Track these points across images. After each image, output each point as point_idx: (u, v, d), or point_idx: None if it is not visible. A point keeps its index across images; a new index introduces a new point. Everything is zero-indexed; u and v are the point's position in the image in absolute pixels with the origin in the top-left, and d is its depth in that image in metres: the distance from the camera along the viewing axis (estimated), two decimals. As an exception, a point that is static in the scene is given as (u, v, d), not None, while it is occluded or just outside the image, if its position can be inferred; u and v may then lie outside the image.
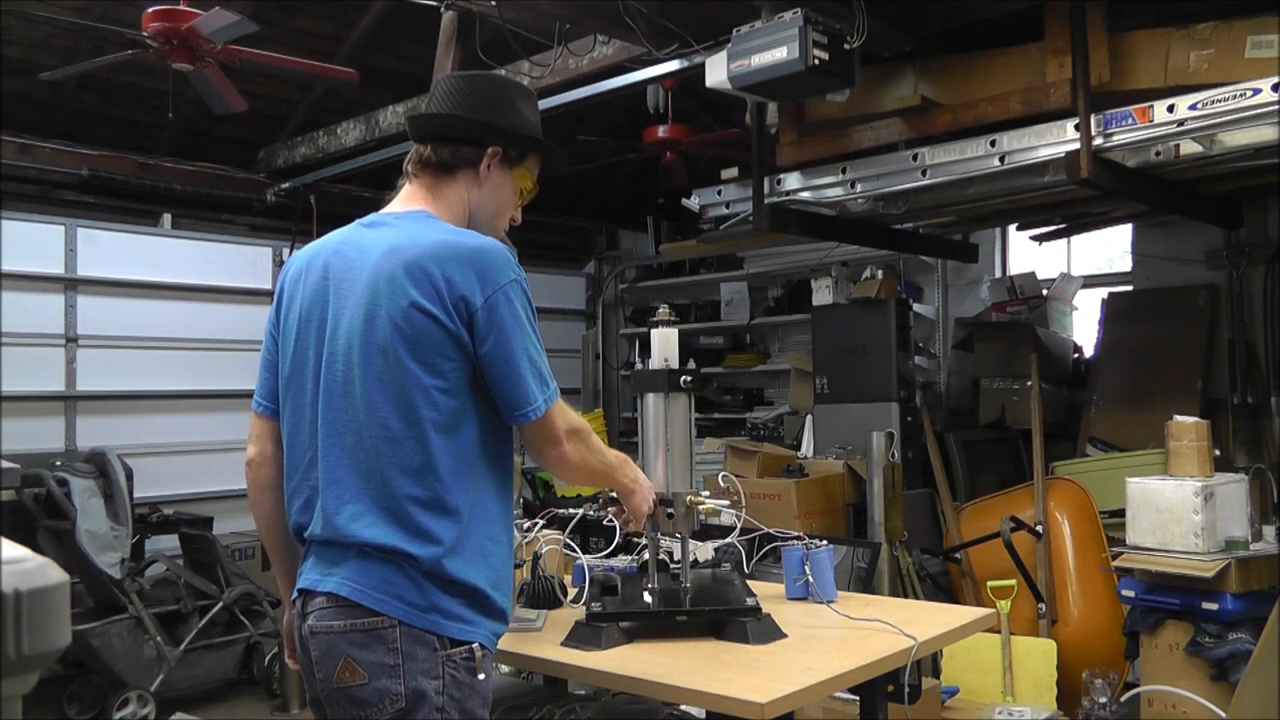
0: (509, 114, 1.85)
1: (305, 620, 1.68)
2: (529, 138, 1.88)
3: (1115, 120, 3.44)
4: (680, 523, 2.17)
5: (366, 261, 1.69)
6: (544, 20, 3.97)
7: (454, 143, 1.82)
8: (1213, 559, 3.24)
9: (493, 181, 1.84)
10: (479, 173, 1.83)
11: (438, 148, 1.82)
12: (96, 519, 4.28)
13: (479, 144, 1.82)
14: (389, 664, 1.59)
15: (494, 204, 1.86)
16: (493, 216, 1.87)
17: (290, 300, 1.80)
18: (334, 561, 1.66)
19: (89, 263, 5.61)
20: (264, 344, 1.85)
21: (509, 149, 1.84)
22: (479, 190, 1.84)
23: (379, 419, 1.63)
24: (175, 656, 4.46)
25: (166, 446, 5.82)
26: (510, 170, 1.86)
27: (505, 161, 1.85)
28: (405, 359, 1.62)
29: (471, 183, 1.83)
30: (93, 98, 5.61)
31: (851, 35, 3.25)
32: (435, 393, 1.63)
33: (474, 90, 1.86)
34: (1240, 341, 4.94)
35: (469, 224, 1.83)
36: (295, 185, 6.20)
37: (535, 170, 1.92)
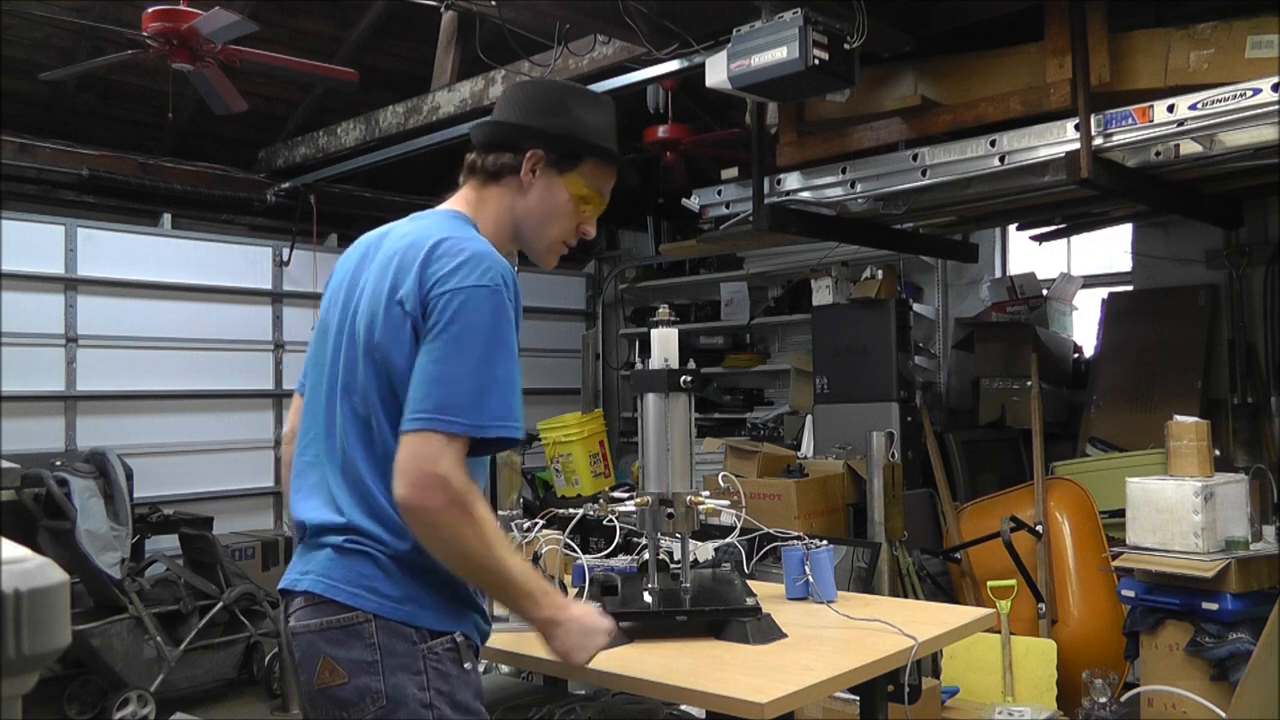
0: (556, 116, 1.76)
1: (288, 622, 1.64)
2: (574, 139, 1.76)
3: (1115, 120, 3.44)
4: (680, 523, 2.17)
5: (385, 252, 1.66)
6: (544, 20, 3.97)
7: (496, 149, 1.76)
8: (1213, 559, 3.24)
9: (538, 189, 1.75)
10: (521, 179, 1.75)
11: (483, 154, 1.77)
12: (96, 519, 4.28)
13: (520, 149, 1.74)
14: (367, 660, 1.53)
15: (540, 213, 1.76)
16: (540, 225, 1.77)
17: (330, 283, 1.79)
18: (309, 559, 1.62)
19: (89, 263, 5.62)
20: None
21: (551, 152, 1.75)
22: (524, 198, 1.76)
23: (358, 407, 1.60)
24: (175, 656, 4.46)
25: (166, 446, 5.82)
26: (560, 176, 1.76)
27: (552, 166, 1.75)
28: (387, 350, 1.57)
29: (516, 191, 1.75)
30: (93, 98, 5.61)
31: (851, 35, 3.26)
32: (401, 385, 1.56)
33: (523, 95, 1.81)
34: (1240, 341, 4.94)
35: (515, 234, 1.77)
36: (295, 185, 6.20)
37: (598, 178, 1.80)
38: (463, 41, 5.00)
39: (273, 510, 6.37)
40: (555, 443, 5.83)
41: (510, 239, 1.78)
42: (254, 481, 6.27)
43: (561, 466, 5.82)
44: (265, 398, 6.35)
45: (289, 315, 6.45)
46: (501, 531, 1.56)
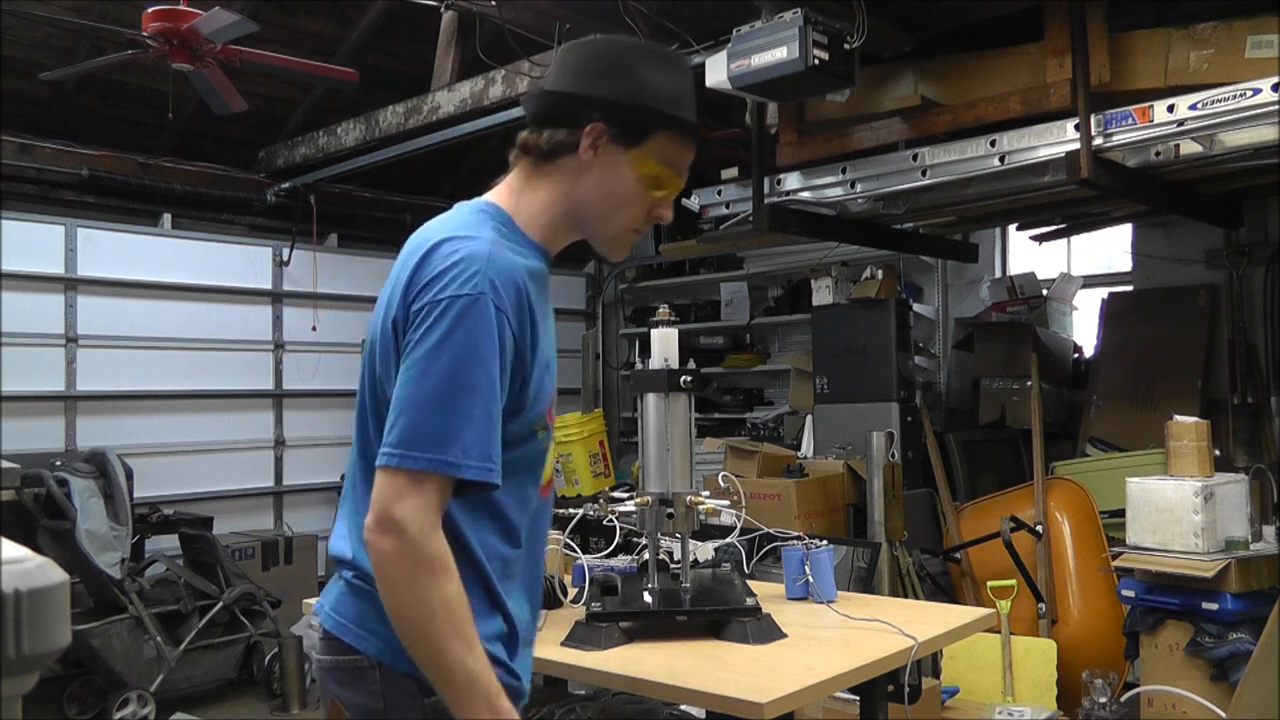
0: (619, 81, 1.46)
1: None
2: (642, 109, 1.46)
3: (1115, 120, 3.44)
4: (680, 523, 2.17)
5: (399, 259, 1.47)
6: (544, 20, 3.97)
7: (549, 124, 1.47)
8: (1213, 559, 3.24)
9: (601, 168, 1.46)
10: (580, 158, 1.46)
11: (534, 131, 1.49)
12: (96, 519, 4.29)
13: (577, 122, 1.45)
14: (372, 708, 1.38)
15: (607, 197, 1.48)
16: (605, 212, 1.49)
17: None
18: (329, 590, 1.49)
19: (89, 263, 5.62)
20: None
21: (614, 125, 1.45)
22: (585, 180, 1.47)
23: (364, 437, 1.44)
24: (175, 656, 4.46)
25: (166, 446, 5.82)
26: (626, 153, 1.46)
27: (617, 141, 1.46)
28: (384, 377, 1.39)
29: (575, 173, 1.47)
30: (93, 98, 5.61)
31: (851, 35, 3.26)
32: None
33: (579, 57, 1.51)
34: (1240, 341, 4.94)
35: (574, 223, 1.51)
36: (295, 185, 6.20)
37: (673, 153, 1.50)
38: (463, 41, 5.00)
39: (273, 510, 6.37)
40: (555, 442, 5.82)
41: (568, 229, 1.52)
42: (254, 481, 6.27)
43: (561, 466, 5.82)
44: (265, 398, 6.35)
45: (289, 315, 6.45)
46: (462, 609, 1.29)
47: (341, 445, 6.58)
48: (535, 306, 1.38)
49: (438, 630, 1.28)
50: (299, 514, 6.42)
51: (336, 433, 6.60)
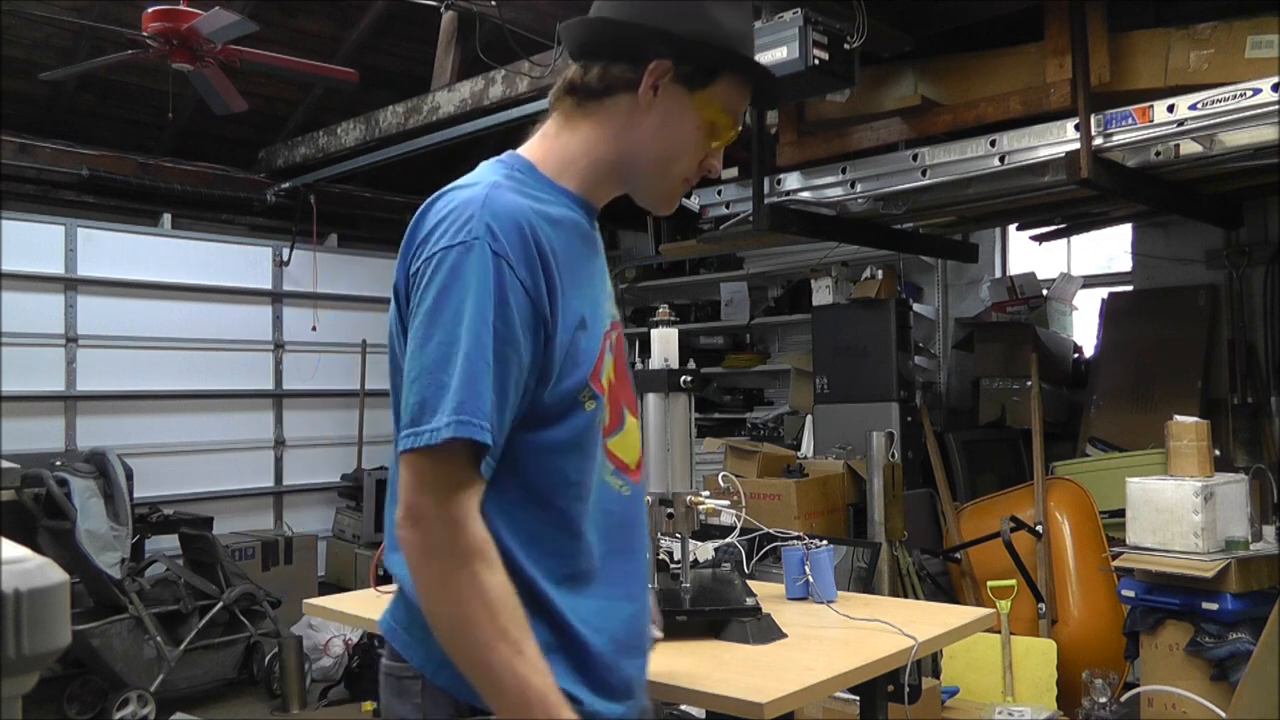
0: (690, 18, 1.29)
1: None
2: (715, 48, 1.31)
3: (1115, 120, 3.44)
4: (680, 523, 2.17)
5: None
6: (544, 20, 3.97)
7: (604, 58, 1.31)
8: (1213, 559, 3.24)
9: (661, 110, 1.30)
10: (638, 98, 1.30)
11: (587, 67, 1.31)
12: (96, 519, 4.29)
13: (639, 58, 1.29)
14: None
15: (664, 143, 1.32)
16: (663, 161, 1.34)
17: None
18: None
19: (89, 263, 5.62)
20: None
21: (684, 64, 1.30)
22: (641, 123, 1.31)
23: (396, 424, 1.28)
24: (175, 656, 4.46)
25: (166, 446, 5.82)
26: (690, 95, 1.31)
27: (681, 82, 1.30)
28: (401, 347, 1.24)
29: (629, 114, 1.31)
30: (93, 98, 5.61)
31: (851, 35, 3.26)
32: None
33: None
34: (1240, 341, 4.94)
35: (621, 173, 1.35)
36: (295, 185, 6.20)
37: (733, 98, 1.35)
38: (463, 41, 5.00)
39: (273, 510, 6.37)
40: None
41: (614, 177, 1.35)
42: (254, 481, 6.27)
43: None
44: (265, 398, 6.35)
45: (289, 315, 6.45)
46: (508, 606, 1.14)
47: (341, 445, 6.59)
48: (555, 253, 1.20)
49: (479, 632, 1.13)
50: (299, 514, 6.41)
51: (336, 433, 6.60)
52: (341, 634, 4.94)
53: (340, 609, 2.60)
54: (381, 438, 6.74)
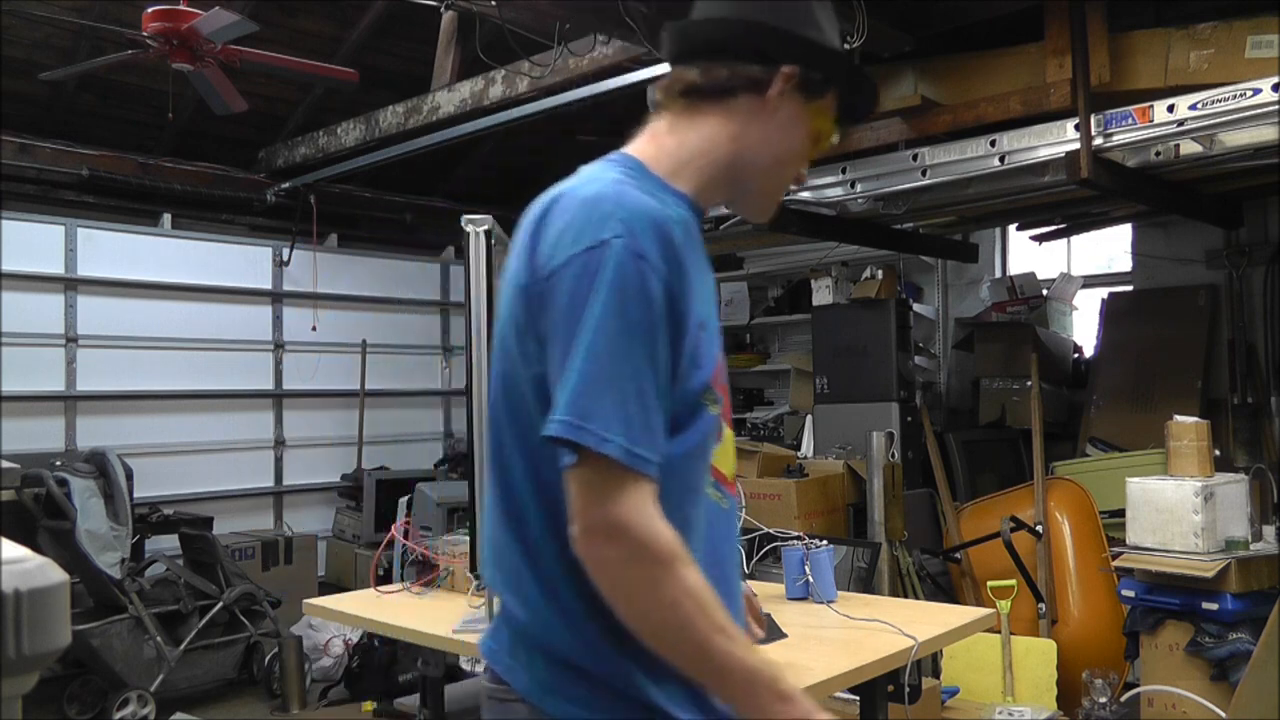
0: (810, 25, 1.30)
1: None
2: (838, 59, 1.33)
3: (1115, 120, 3.44)
4: (680, 523, 2.17)
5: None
6: (544, 20, 3.97)
7: (733, 58, 1.27)
8: (1213, 559, 3.24)
9: (783, 116, 1.29)
10: (765, 100, 1.27)
11: (710, 66, 1.27)
12: (96, 519, 4.28)
13: (770, 60, 1.27)
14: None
15: (780, 147, 1.31)
16: (777, 165, 1.32)
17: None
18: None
19: (89, 263, 5.61)
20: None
21: (810, 71, 1.28)
22: (760, 126, 1.28)
23: (499, 439, 1.26)
24: (175, 656, 4.46)
25: (166, 446, 5.82)
26: (806, 104, 1.30)
27: (800, 90, 1.29)
28: (523, 359, 1.21)
29: (751, 115, 1.28)
30: (93, 98, 5.61)
31: (851, 35, 3.26)
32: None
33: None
34: (1240, 341, 4.94)
35: (731, 177, 1.30)
36: (295, 185, 6.19)
37: (833, 111, 1.35)
38: (463, 41, 5.00)
39: (273, 510, 6.37)
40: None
41: (724, 181, 1.31)
42: (254, 481, 6.27)
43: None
44: (265, 398, 6.35)
45: (289, 315, 6.45)
46: (712, 598, 1.13)
47: (341, 445, 6.58)
48: (683, 253, 1.16)
49: (696, 629, 1.11)
50: (299, 514, 6.41)
51: (336, 433, 6.60)
52: (341, 634, 4.94)
53: (340, 609, 2.61)
54: (382, 438, 6.74)
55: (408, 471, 6.21)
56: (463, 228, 2.22)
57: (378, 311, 6.85)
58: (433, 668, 2.46)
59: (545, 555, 1.19)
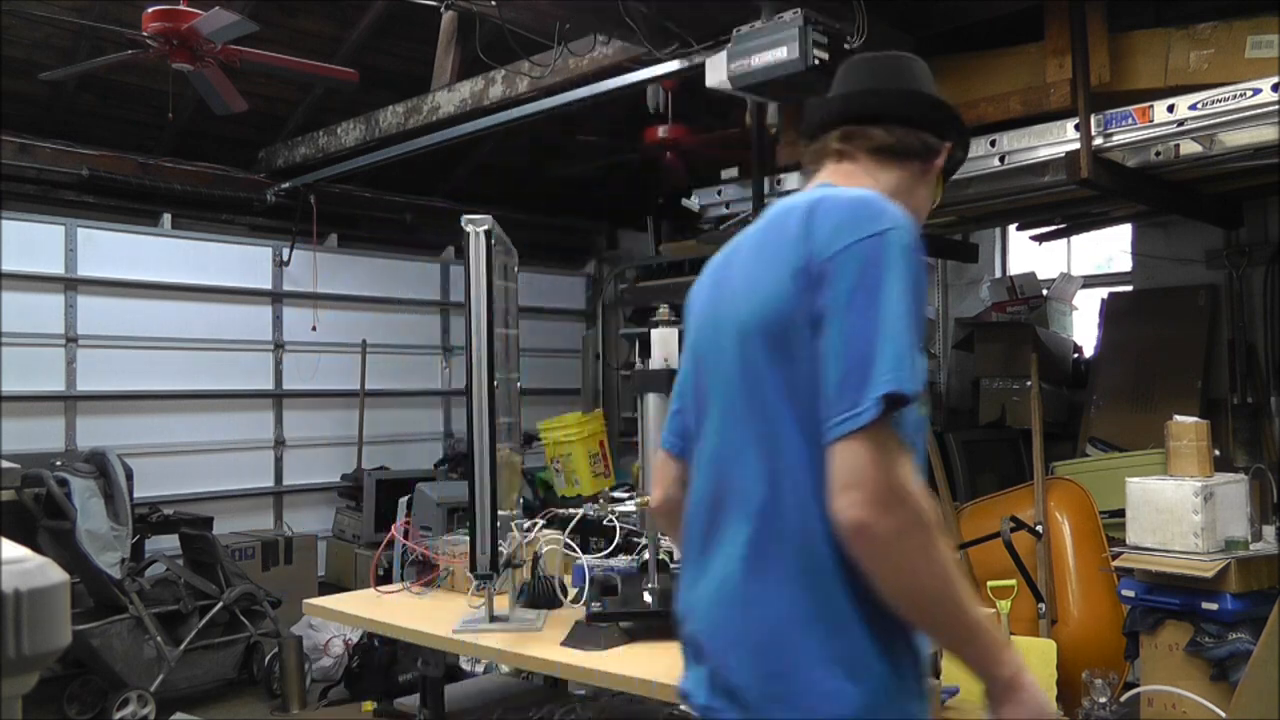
0: (950, 109, 1.56)
1: None
2: (967, 133, 1.57)
3: (1115, 120, 3.44)
4: (680, 523, 2.17)
5: (745, 253, 1.42)
6: (544, 20, 3.97)
7: (916, 126, 1.47)
8: (1213, 559, 3.23)
9: (930, 182, 1.51)
10: (930, 167, 1.49)
11: (894, 129, 1.46)
12: (96, 519, 4.28)
13: (941, 136, 1.50)
14: None
15: (925, 206, 1.52)
16: (918, 220, 1.44)
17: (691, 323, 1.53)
18: (701, 676, 1.38)
19: (89, 263, 5.61)
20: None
21: (957, 151, 1.54)
22: (924, 187, 1.49)
23: (731, 432, 1.37)
24: (175, 656, 4.46)
25: (166, 446, 5.82)
26: (940, 175, 1.54)
27: (948, 162, 1.53)
28: (784, 343, 1.30)
29: (917, 177, 1.48)
30: (93, 98, 5.61)
31: (851, 35, 3.26)
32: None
33: (922, 70, 1.57)
34: (1240, 341, 4.94)
35: None
36: (295, 185, 6.20)
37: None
38: (463, 41, 5.00)
39: (273, 510, 6.37)
40: (555, 443, 5.83)
41: None
42: (254, 481, 6.27)
43: (561, 466, 5.82)
44: (265, 398, 6.35)
45: (289, 315, 6.45)
46: (956, 566, 1.21)
47: (341, 445, 6.58)
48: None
49: (957, 593, 1.18)
50: (299, 514, 6.41)
51: (336, 433, 6.60)
52: (341, 634, 4.94)
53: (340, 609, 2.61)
54: (382, 438, 6.75)
55: (408, 471, 6.21)
56: (463, 228, 2.22)
57: (378, 311, 6.85)
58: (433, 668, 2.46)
59: (821, 547, 1.21)
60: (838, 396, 1.17)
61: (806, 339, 1.23)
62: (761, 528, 1.25)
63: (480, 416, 2.19)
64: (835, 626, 1.21)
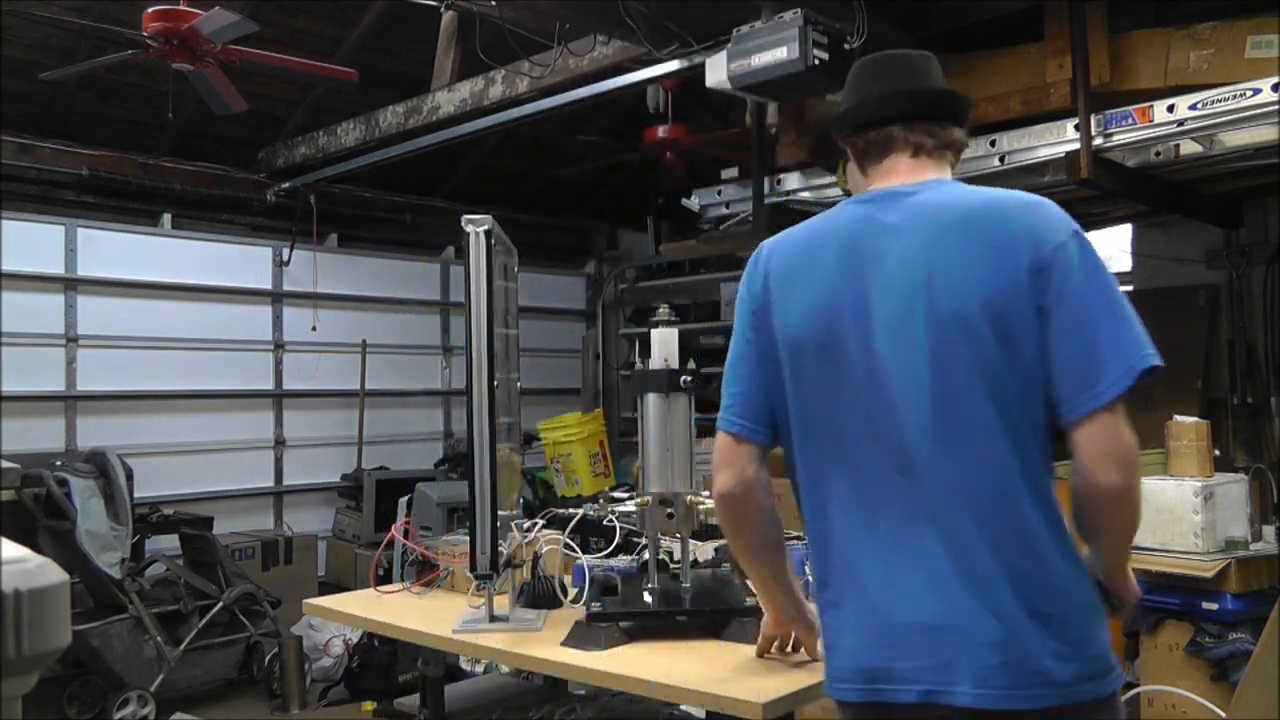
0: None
1: None
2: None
3: (1115, 120, 3.44)
4: (680, 523, 2.17)
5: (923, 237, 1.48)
6: (544, 20, 3.97)
7: (951, 122, 1.60)
8: (1213, 559, 3.24)
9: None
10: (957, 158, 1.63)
11: (950, 127, 1.60)
12: (96, 519, 4.28)
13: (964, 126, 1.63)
14: None
15: None
16: None
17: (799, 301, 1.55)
18: (956, 665, 1.45)
19: (89, 263, 5.61)
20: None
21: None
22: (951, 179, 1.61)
23: (961, 425, 1.49)
24: (175, 656, 4.46)
25: (166, 446, 5.82)
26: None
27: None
28: (1017, 330, 1.47)
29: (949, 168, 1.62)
30: (93, 98, 5.61)
31: (851, 35, 3.26)
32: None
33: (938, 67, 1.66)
34: (1240, 341, 4.94)
35: None
36: (295, 185, 6.19)
37: None
38: (463, 41, 5.00)
39: (273, 510, 6.37)
40: (555, 443, 5.83)
41: None
42: (254, 481, 6.27)
43: (561, 466, 5.82)
44: (265, 398, 6.35)
45: (289, 315, 6.45)
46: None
47: (341, 445, 6.58)
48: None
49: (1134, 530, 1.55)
50: (299, 514, 6.41)
51: (336, 433, 6.60)
52: (341, 634, 4.94)
53: (340, 609, 2.61)
54: (382, 438, 6.75)
55: (408, 471, 6.21)
56: (463, 228, 2.22)
57: (378, 311, 6.85)
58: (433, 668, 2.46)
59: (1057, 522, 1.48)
60: (1088, 373, 1.36)
61: (1034, 327, 1.38)
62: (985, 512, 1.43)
63: (480, 416, 2.19)
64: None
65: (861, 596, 1.45)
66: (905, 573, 1.41)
